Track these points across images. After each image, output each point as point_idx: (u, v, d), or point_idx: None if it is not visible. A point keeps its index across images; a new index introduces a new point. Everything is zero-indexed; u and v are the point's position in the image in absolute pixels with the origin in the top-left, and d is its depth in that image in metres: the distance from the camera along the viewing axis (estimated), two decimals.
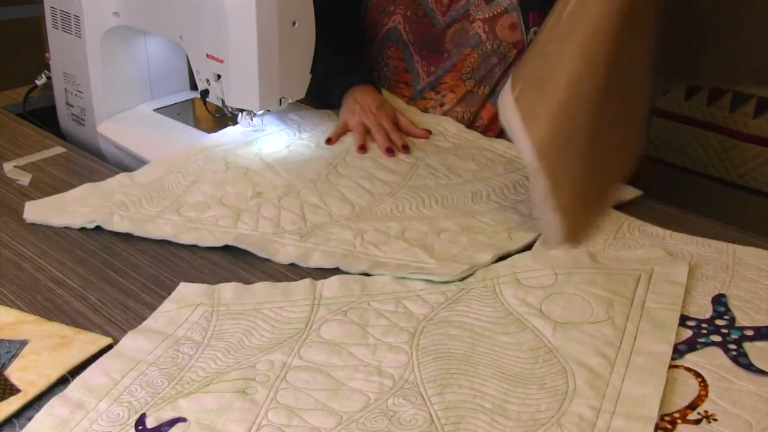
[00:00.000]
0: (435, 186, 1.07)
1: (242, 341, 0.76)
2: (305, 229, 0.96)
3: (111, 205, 1.00)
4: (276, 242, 0.93)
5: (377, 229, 0.96)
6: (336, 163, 1.12)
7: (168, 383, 0.70)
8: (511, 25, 1.27)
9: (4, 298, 0.83)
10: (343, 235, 0.94)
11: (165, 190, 1.04)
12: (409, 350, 0.75)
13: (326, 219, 0.98)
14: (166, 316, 0.79)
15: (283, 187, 1.04)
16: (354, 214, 0.99)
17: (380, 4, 1.34)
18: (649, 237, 0.96)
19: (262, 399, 0.68)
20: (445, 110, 1.32)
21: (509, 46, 1.27)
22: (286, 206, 1.00)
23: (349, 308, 0.81)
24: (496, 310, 0.81)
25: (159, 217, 0.97)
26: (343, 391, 0.69)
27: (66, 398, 0.68)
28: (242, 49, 1.05)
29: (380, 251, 0.91)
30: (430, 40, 1.31)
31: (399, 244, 0.93)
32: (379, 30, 1.34)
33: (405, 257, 0.90)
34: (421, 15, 1.31)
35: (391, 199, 1.04)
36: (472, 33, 1.28)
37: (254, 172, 1.08)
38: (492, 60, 1.28)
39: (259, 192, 1.03)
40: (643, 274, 0.86)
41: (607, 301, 0.81)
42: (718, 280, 0.87)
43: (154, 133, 1.22)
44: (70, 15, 1.21)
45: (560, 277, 0.85)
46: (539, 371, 0.72)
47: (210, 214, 0.98)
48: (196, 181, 1.05)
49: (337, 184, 1.06)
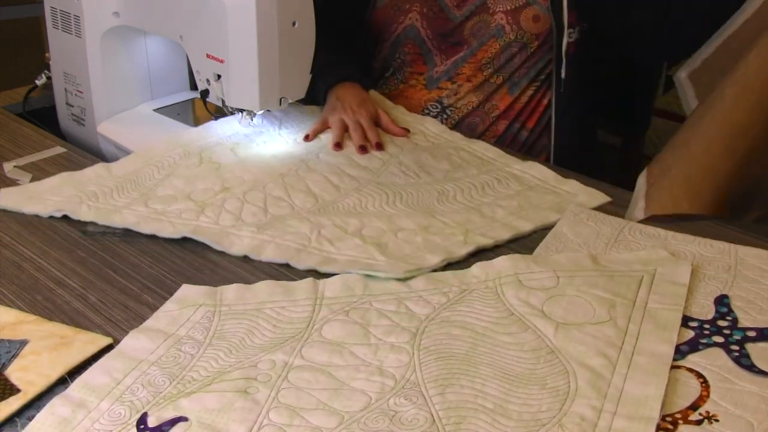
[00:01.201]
0: (403, 184, 1.07)
1: (244, 341, 0.76)
2: (264, 220, 0.96)
3: (82, 195, 1.01)
4: (232, 234, 0.93)
5: (336, 225, 0.96)
6: (308, 159, 1.13)
7: (170, 382, 0.70)
8: (534, 17, 1.31)
9: (4, 298, 0.83)
10: (301, 228, 0.95)
11: (137, 183, 1.05)
12: (411, 350, 0.75)
13: (288, 211, 0.99)
14: (168, 315, 0.79)
15: (250, 182, 1.05)
16: (316, 207, 1.00)
17: (394, 3, 1.35)
18: (651, 238, 0.95)
19: (263, 398, 0.68)
20: (459, 98, 1.34)
21: (532, 36, 1.31)
22: (250, 200, 1.01)
23: (350, 308, 0.81)
24: (498, 310, 0.81)
25: (126, 208, 0.99)
26: (344, 391, 0.69)
27: (67, 397, 0.68)
28: (242, 49, 1.05)
29: (333, 248, 0.91)
30: (447, 34, 1.33)
31: (354, 240, 0.93)
32: (394, 28, 1.36)
33: (356, 254, 0.90)
34: (436, 11, 1.33)
35: (357, 194, 1.04)
36: (495, 25, 1.31)
37: (225, 168, 1.08)
38: (512, 49, 1.32)
39: (226, 187, 1.04)
40: (645, 275, 0.86)
41: (609, 302, 0.81)
42: (720, 280, 0.86)
43: (154, 133, 1.21)
44: (70, 15, 1.21)
45: (562, 280, 0.85)
46: (541, 371, 0.72)
47: (176, 207, 1.00)
48: (169, 175, 1.07)
49: (305, 178, 1.07)
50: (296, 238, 0.93)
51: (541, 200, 1.04)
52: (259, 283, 0.85)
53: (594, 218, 1.00)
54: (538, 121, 1.39)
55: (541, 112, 1.39)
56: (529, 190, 1.07)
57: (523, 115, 1.38)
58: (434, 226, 0.97)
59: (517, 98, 1.36)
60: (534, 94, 1.37)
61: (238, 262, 0.90)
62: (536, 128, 1.39)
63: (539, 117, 1.39)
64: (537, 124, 1.39)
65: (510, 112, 1.37)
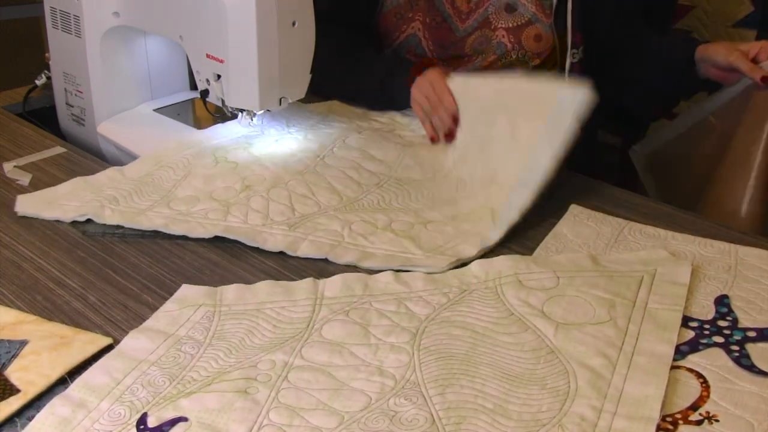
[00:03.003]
0: (421, 179, 1.08)
1: (244, 341, 0.76)
2: (294, 219, 0.97)
3: (102, 199, 1.00)
4: (265, 232, 0.94)
5: (365, 221, 0.96)
6: (324, 154, 1.13)
7: (169, 383, 0.70)
8: (536, 36, 1.30)
9: (4, 298, 0.83)
10: (331, 225, 0.95)
11: (155, 185, 1.04)
12: (411, 350, 0.75)
13: (315, 209, 0.99)
14: (168, 315, 0.79)
15: (271, 180, 1.05)
16: (342, 205, 1.00)
17: (397, 11, 1.34)
18: (651, 238, 0.95)
19: (263, 399, 0.68)
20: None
21: (533, 56, 1.31)
22: (275, 198, 1.01)
23: (350, 308, 0.81)
24: (498, 310, 0.81)
25: (150, 210, 0.98)
26: (344, 391, 0.69)
27: (67, 398, 0.68)
28: (242, 49, 1.04)
29: (368, 242, 0.92)
30: (448, 46, 1.33)
31: (386, 234, 0.94)
32: (396, 36, 1.35)
33: (392, 248, 0.91)
34: (440, 21, 1.32)
35: (378, 190, 1.04)
36: (496, 41, 1.30)
37: (243, 167, 1.08)
38: (516, 69, 1.32)
39: (247, 185, 1.03)
40: (645, 275, 0.86)
41: (609, 302, 0.81)
42: (720, 280, 0.86)
43: (154, 133, 1.21)
44: (70, 15, 1.21)
45: (562, 280, 0.85)
46: (541, 371, 0.72)
47: (200, 207, 0.99)
48: (186, 176, 1.06)
49: (325, 174, 1.07)
50: (329, 234, 0.94)
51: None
52: (259, 283, 0.85)
53: (594, 218, 1.00)
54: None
55: None
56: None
57: None
58: (461, 214, 0.98)
59: None
60: None
61: (238, 262, 0.90)
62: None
63: None
64: None
65: None
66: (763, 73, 1.12)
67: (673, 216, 1.02)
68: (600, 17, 1.32)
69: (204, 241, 0.94)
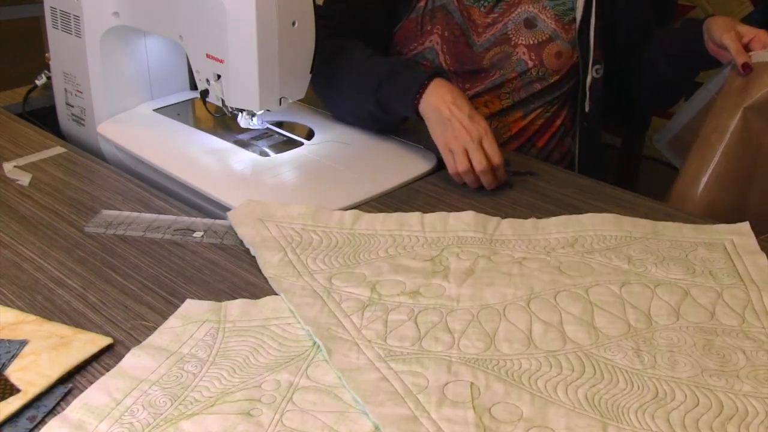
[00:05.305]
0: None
1: (248, 359, 0.74)
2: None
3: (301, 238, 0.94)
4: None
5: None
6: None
7: (171, 403, 0.68)
8: (557, 53, 1.30)
9: (4, 298, 0.83)
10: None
11: (360, 248, 0.93)
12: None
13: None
14: (171, 332, 0.77)
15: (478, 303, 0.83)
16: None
17: (417, 21, 1.32)
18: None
19: (267, 421, 0.66)
20: None
21: (553, 73, 1.31)
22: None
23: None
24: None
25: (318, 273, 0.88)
26: (351, 414, 0.67)
27: (66, 419, 0.65)
28: (242, 49, 1.04)
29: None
30: (465, 61, 1.31)
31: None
32: (414, 47, 1.33)
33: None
34: (458, 34, 1.31)
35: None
36: (516, 58, 1.30)
37: (451, 272, 0.88)
38: (535, 86, 1.32)
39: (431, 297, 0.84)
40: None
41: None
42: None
43: (154, 133, 1.21)
44: (70, 15, 1.21)
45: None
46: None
47: (350, 290, 0.85)
48: (394, 256, 0.92)
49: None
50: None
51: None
52: (264, 299, 0.83)
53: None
54: (549, 140, 1.38)
55: (553, 132, 1.38)
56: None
57: (535, 137, 1.37)
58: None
59: (531, 122, 1.36)
60: (549, 116, 1.36)
61: (238, 262, 0.90)
62: (546, 147, 1.38)
63: (550, 137, 1.38)
64: (548, 143, 1.38)
65: (522, 135, 1.36)
66: (745, 59, 1.11)
67: (673, 216, 1.02)
68: (620, 31, 1.32)
69: (204, 241, 0.94)
